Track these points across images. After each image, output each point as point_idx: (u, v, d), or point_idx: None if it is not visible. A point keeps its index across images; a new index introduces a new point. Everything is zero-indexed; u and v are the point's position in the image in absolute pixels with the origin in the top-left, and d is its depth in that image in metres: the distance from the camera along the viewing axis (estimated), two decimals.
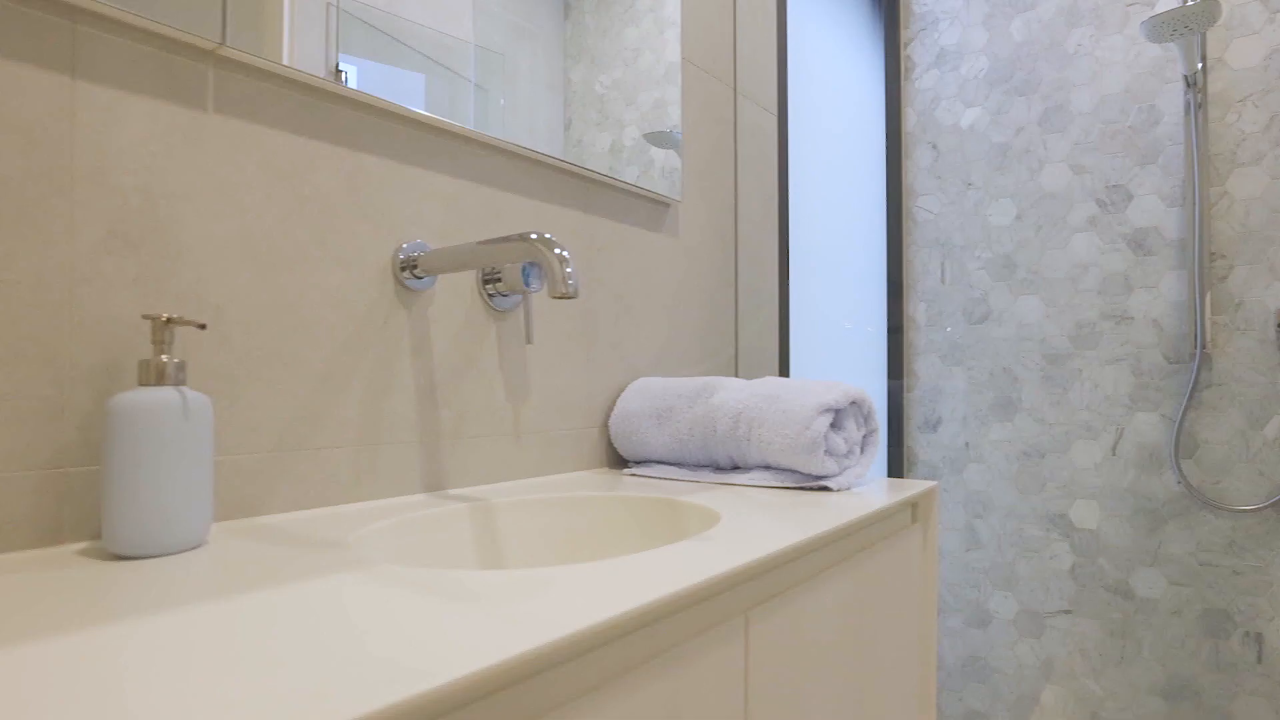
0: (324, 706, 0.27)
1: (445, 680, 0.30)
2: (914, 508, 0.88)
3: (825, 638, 0.64)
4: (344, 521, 0.64)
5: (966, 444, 1.89)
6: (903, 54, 2.01)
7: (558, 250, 0.63)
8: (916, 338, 1.97)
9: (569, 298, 0.62)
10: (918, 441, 1.96)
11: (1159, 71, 1.67)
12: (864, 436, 0.89)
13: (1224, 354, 1.60)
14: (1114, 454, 1.72)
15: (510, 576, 0.47)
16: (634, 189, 1.04)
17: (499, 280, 0.84)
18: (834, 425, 0.84)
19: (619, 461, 1.03)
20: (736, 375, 1.27)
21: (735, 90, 1.28)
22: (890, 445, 1.97)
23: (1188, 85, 1.60)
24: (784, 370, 1.41)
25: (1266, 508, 1.55)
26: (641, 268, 1.07)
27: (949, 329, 1.93)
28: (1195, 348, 1.61)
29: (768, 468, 0.86)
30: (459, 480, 0.82)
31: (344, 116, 0.72)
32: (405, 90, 0.79)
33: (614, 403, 1.01)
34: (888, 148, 2.00)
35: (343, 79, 0.73)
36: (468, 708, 0.33)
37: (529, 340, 0.79)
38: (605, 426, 1.00)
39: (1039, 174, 1.81)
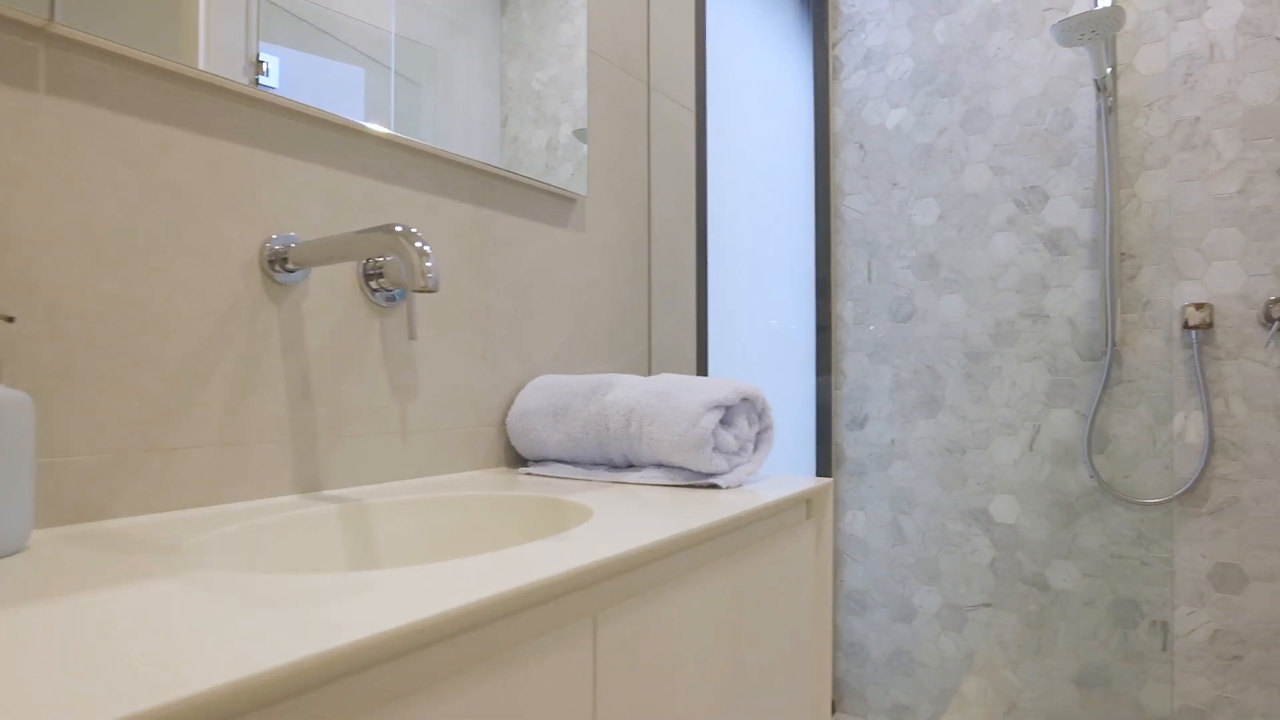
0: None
1: (183, 694, 0.28)
2: (808, 504, 0.88)
3: (698, 638, 0.63)
4: (196, 525, 0.61)
5: (892, 441, 1.92)
6: (831, 54, 2.02)
7: (418, 244, 0.61)
8: (844, 336, 1.99)
9: (429, 291, 0.60)
10: (845, 439, 1.98)
11: (1073, 75, 1.71)
12: (758, 434, 0.88)
13: (1133, 351, 1.64)
14: (1031, 450, 1.75)
15: (336, 580, 0.45)
16: (535, 184, 1.02)
17: (381, 275, 0.82)
18: (725, 422, 0.84)
19: (518, 461, 1.01)
20: (650, 372, 1.27)
21: (649, 86, 1.28)
22: (819, 443, 1.99)
23: (1098, 89, 1.64)
24: (701, 367, 1.40)
25: (1171, 500, 1.60)
26: (545, 263, 1.06)
27: (872, 327, 1.95)
28: (1106, 345, 1.65)
29: (660, 465, 0.85)
30: (338, 480, 0.79)
31: (204, 102, 0.69)
32: (332, 83, 0.76)
33: (513, 400, 0.99)
34: (816, 147, 2.01)
35: (264, 69, 0.71)
36: None
37: (412, 336, 0.77)
38: (504, 425, 0.98)
39: (961, 174, 1.84)
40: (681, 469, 0.83)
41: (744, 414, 0.85)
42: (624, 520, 0.62)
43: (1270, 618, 1.51)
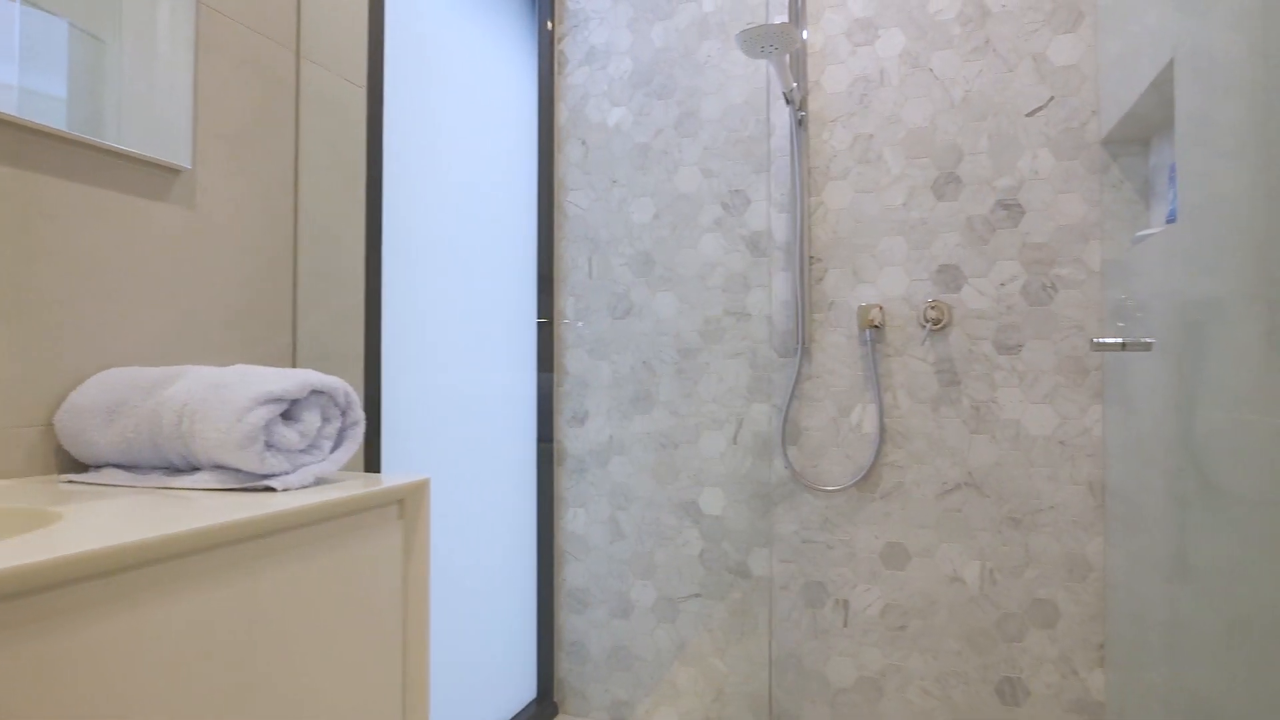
0: None
1: None
2: (400, 505, 0.81)
3: (186, 665, 0.54)
4: None
5: (611, 437, 1.92)
6: (556, 49, 2.00)
7: None
8: (565, 332, 1.97)
9: None
10: (567, 435, 1.96)
11: (772, 88, 1.80)
12: (340, 430, 0.80)
13: (820, 349, 1.75)
14: (735, 443, 1.82)
15: None
16: (106, 147, 0.88)
17: None
18: (290, 417, 0.75)
19: (77, 467, 0.86)
20: (295, 365, 1.15)
21: (298, 54, 1.16)
22: (540, 440, 1.95)
23: (787, 102, 1.73)
24: (373, 362, 1.30)
25: (851, 487, 1.72)
26: (129, 240, 0.91)
27: (580, 324, 1.94)
28: (798, 343, 1.75)
29: (217, 467, 0.75)
30: None
31: None
32: None
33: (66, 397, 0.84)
34: (540, 141, 1.98)
35: None
36: None
37: None
38: (52, 425, 0.83)
39: (674, 175, 1.88)
40: (235, 470, 0.73)
41: (316, 408, 0.77)
42: (86, 530, 0.52)
43: (926, 589, 1.66)
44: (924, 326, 1.66)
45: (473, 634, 1.69)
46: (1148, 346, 1.21)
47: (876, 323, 1.69)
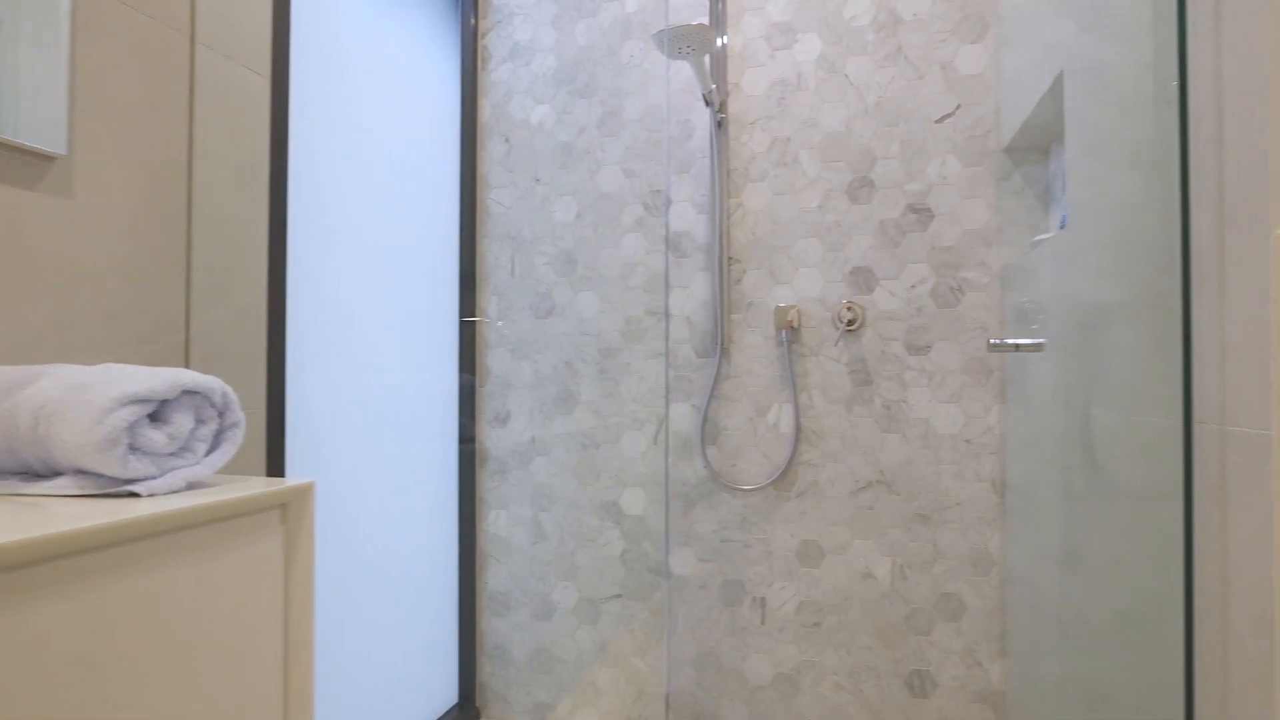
0: None
1: None
2: (283, 509, 0.78)
3: (18, 688, 0.51)
4: None
5: (533, 438, 1.90)
6: (480, 44, 1.97)
7: None
8: (488, 331, 1.94)
9: None
10: (489, 436, 1.93)
11: (692, 89, 1.81)
12: (217, 432, 0.77)
13: (739, 349, 1.77)
14: (655, 443, 1.83)
15: None
16: None
17: None
18: (158, 419, 0.71)
19: None
20: (187, 365, 1.10)
21: (192, 39, 1.11)
22: (461, 441, 1.92)
23: (706, 103, 1.74)
24: (276, 361, 1.26)
25: (768, 486, 1.74)
26: None
27: (500, 324, 1.93)
28: (717, 343, 1.77)
29: (78, 472, 0.71)
30: None
31: None
32: None
33: None
34: (462, 137, 1.95)
35: None
36: None
37: None
38: None
39: (597, 174, 1.87)
40: (97, 475, 0.70)
41: (188, 409, 0.73)
42: None
43: (839, 585, 1.69)
44: (838, 327, 1.70)
45: (393, 639, 1.66)
46: (1040, 348, 1.26)
47: (794, 323, 1.72)
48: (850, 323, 1.67)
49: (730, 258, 1.78)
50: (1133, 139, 1.03)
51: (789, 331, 1.72)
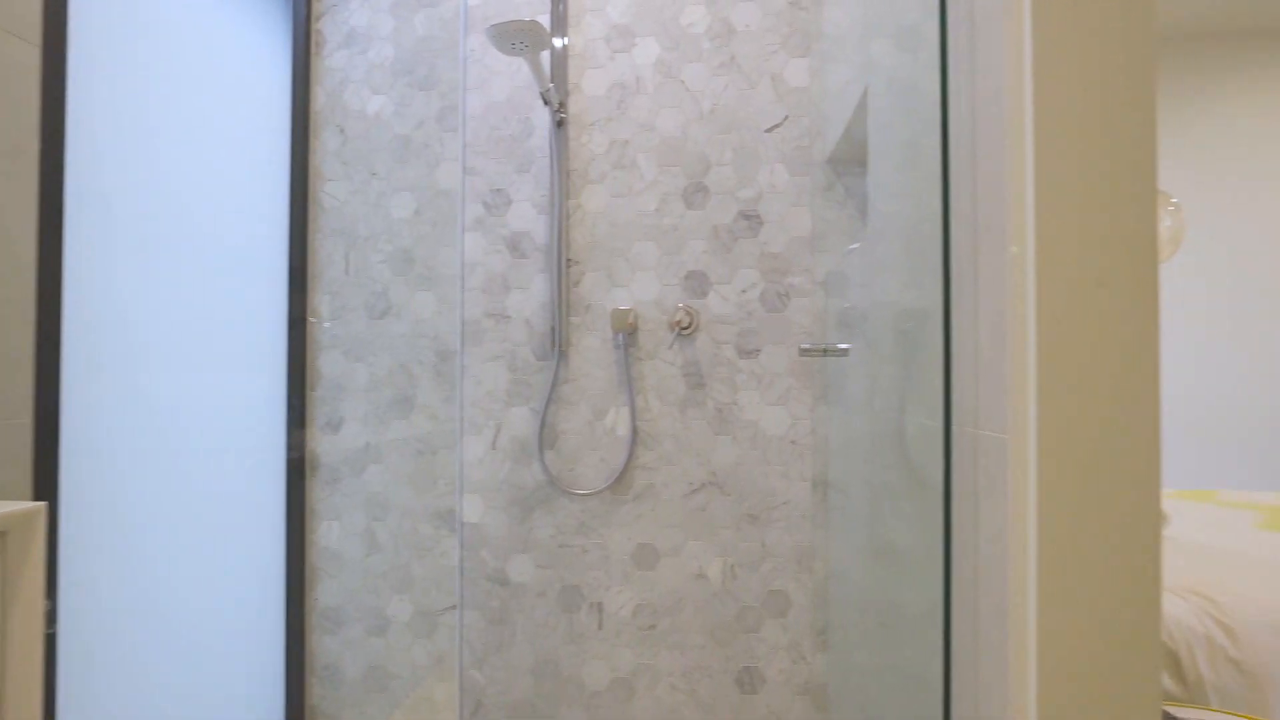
0: None
1: None
2: (2, 538, 0.70)
3: None
4: None
5: (367, 444, 1.82)
6: (313, 27, 1.87)
7: None
8: (320, 332, 1.85)
9: None
10: (320, 443, 1.84)
11: (532, 87, 1.78)
12: None
13: (577, 352, 1.75)
14: (494, 448, 1.78)
15: None
16: None
17: None
18: None
19: None
20: None
21: None
22: (289, 449, 1.82)
23: (544, 102, 1.72)
24: (46, 367, 1.14)
25: (605, 490, 1.73)
26: None
27: (328, 324, 1.84)
28: (555, 346, 1.74)
29: None
30: None
31: None
32: None
33: None
34: (294, 126, 1.84)
35: None
36: None
37: None
38: None
39: (436, 170, 1.82)
40: None
41: None
42: None
43: (674, 587, 1.70)
44: (673, 331, 1.71)
45: (210, 665, 1.54)
46: (845, 353, 1.30)
47: (633, 326, 1.72)
48: (685, 326, 1.69)
49: (569, 259, 1.76)
50: (921, 155, 1.08)
51: (625, 335, 1.72)
